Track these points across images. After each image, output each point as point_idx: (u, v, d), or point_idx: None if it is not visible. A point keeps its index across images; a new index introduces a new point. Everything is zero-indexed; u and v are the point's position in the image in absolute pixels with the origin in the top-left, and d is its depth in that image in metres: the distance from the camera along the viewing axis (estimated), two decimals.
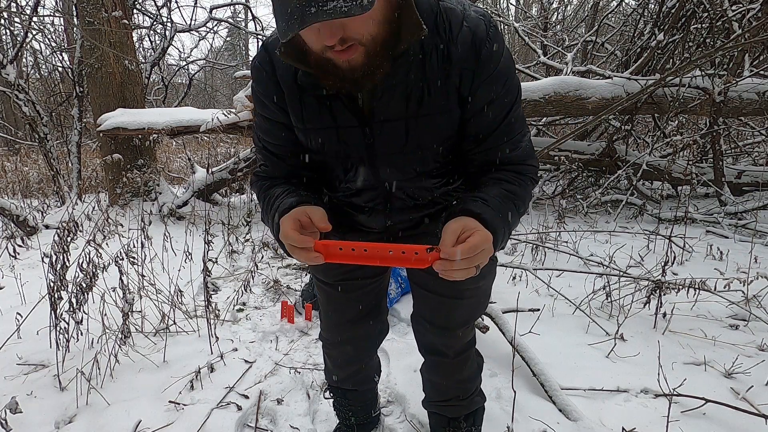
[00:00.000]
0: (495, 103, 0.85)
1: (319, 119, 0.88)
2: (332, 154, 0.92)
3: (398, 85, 0.82)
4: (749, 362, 1.83)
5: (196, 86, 11.75)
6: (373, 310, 1.25)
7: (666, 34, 4.40)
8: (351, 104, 0.85)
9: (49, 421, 1.60)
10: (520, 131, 0.90)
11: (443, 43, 0.81)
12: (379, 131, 0.86)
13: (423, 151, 0.89)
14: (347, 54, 0.73)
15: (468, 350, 1.24)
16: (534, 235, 3.31)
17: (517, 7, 10.75)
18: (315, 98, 0.86)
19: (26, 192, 6.11)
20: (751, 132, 5.38)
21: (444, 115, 0.85)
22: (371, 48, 0.74)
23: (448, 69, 0.82)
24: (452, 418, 1.32)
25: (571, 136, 3.81)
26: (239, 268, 3.17)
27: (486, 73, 0.83)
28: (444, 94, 0.83)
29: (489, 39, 0.81)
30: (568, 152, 4.54)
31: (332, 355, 1.34)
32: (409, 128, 0.85)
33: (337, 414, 1.50)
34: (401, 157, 0.89)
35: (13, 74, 5.03)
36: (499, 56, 0.83)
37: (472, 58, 0.81)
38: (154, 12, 7.01)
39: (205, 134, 4.47)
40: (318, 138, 0.90)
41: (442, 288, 1.09)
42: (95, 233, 2.00)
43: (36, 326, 2.08)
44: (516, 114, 0.89)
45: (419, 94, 0.83)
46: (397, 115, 0.84)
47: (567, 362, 1.89)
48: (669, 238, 2.50)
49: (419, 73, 0.82)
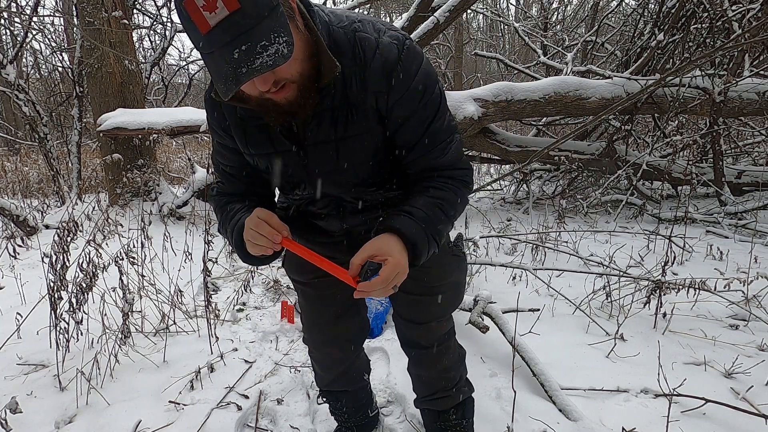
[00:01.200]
0: (413, 118, 0.92)
1: (261, 146, 0.97)
2: (278, 174, 1.01)
3: (325, 112, 0.90)
4: (749, 362, 1.83)
5: (196, 86, 11.75)
6: (351, 308, 1.28)
7: (666, 34, 4.40)
8: (286, 131, 0.94)
9: (49, 421, 1.60)
10: (446, 138, 0.96)
11: (360, 70, 0.88)
12: (312, 153, 0.95)
13: (354, 167, 0.97)
14: (282, 93, 0.81)
15: (447, 341, 1.29)
16: (534, 235, 3.31)
17: (517, 7, 10.76)
18: (256, 127, 0.95)
19: (26, 192, 6.11)
20: (751, 132, 5.38)
21: (368, 134, 0.93)
22: (301, 83, 0.83)
23: (364, 94, 0.89)
24: (441, 411, 1.36)
25: (571, 136, 3.81)
26: (239, 268, 3.17)
27: (398, 94, 0.89)
28: (365, 116, 0.91)
29: (400, 62, 0.88)
30: (568, 152, 4.53)
31: (317, 358, 1.38)
32: (339, 149, 0.94)
33: (334, 417, 1.52)
34: (335, 174, 0.98)
35: (13, 74, 5.03)
36: (411, 77, 0.89)
37: (383, 82, 0.88)
38: (154, 12, 7.02)
39: (205, 134, 4.47)
40: (262, 161, 1.00)
41: (414, 287, 1.15)
42: (95, 233, 2.00)
43: (36, 326, 2.08)
44: (438, 125, 0.95)
45: (344, 118, 0.91)
46: (326, 138, 0.92)
47: (567, 362, 1.89)
48: (669, 238, 2.50)
49: (343, 100, 0.89)
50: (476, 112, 3.98)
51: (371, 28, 0.90)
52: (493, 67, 14.76)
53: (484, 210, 4.63)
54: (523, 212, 4.55)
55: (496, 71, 13.11)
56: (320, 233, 1.13)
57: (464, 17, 11.42)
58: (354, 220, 1.08)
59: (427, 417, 1.42)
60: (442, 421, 1.36)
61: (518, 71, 5.93)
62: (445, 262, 1.18)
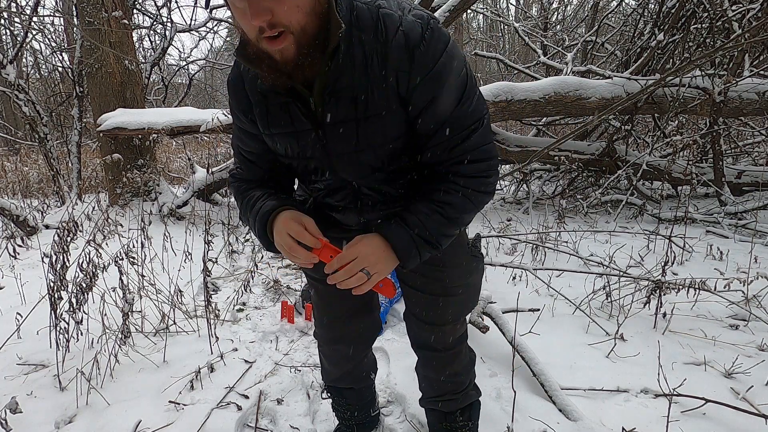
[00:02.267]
0: (438, 100, 0.88)
1: (281, 125, 0.95)
2: (295, 156, 0.99)
3: (344, 89, 0.87)
4: (749, 362, 1.83)
5: (196, 86, 11.74)
6: (364, 307, 1.28)
7: (666, 34, 4.40)
8: (305, 109, 0.91)
9: (49, 421, 1.60)
10: (471, 125, 0.92)
11: (382, 47, 0.85)
12: (330, 133, 0.92)
13: (374, 150, 0.94)
14: (278, 42, 0.78)
15: (459, 345, 1.27)
16: (534, 235, 3.31)
17: (517, 7, 10.76)
18: (277, 106, 0.94)
19: (26, 192, 6.11)
20: (751, 132, 5.38)
21: (388, 115, 0.90)
22: (301, 38, 0.79)
23: (385, 72, 0.86)
24: (448, 412, 1.34)
25: (571, 136, 3.81)
26: (239, 268, 3.17)
27: (421, 75, 0.86)
28: (386, 96, 0.88)
29: (424, 41, 0.85)
30: (568, 152, 4.53)
31: (327, 353, 1.38)
32: (359, 129, 0.90)
33: (336, 415, 1.51)
34: (354, 156, 0.94)
35: (13, 74, 5.03)
36: (435, 57, 0.86)
37: (406, 60, 0.85)
38: (154, 12, 7.01)
39: (205, 134, 4.47)
40: (281, 142, 0.98)
41: (432, 286, 1.15)
42: (95, 233, 2.00)
43: (36, 326, 2.08)
44: (464, 110, 0.91)
45: (364, 96, 0.88)
46: (346, 117, 0.90)
47: (567, 362, 1.89)
48: (669, 238, 2.50)
49: (363, 77, 0.87)
50: None
51: (396, 5, 0.88)
52: (493, 67, 14.75)
53: (484, 210, 4.63)
54: (523, 212, 4.55)
55: (496, 71, 13.10)
56: (337, 227, 1.12)
57: (464, 17, 11.40)
58: (371, 214, 1.06)
59: (431, 416, 1.40)
60: (449, 422, 1.34)
61: (518, 71, 5.93)
62: (463, 262, 1.17)
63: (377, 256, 0.92)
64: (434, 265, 1.12)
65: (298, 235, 0.92)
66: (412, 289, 1.20)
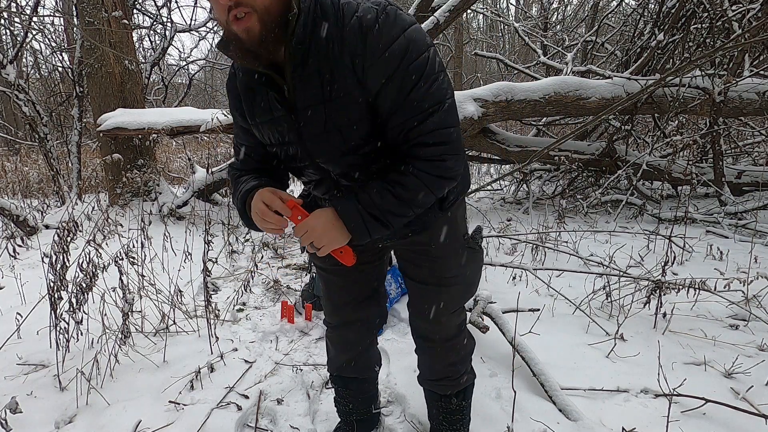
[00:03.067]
0: (392, 83, 0.91)
1: (262, 114, 1.04)
2: (276, 143, 1.07)
3: (312, 75, 0.94)
4: (749, 362, 1.83)
5: (196, 86, 11.74)
6: (371, 298, 1.34)
7: (666, 34, 4.40)
8: (280, 97, 0.99)
9: (49, 421, 1.60)
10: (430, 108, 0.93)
11: (339, 32, 0.91)
12: (302, 117, 0.98)
13: (341, 132, 0.98)
14: (244, 22, 0.86)
15: (455, 338, 1.30)
16: (534, 235, 3.31)
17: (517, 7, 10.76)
18: (260, 97, 1.02)
19: (26, 192, 6.11)
20: (751, 132, 5.38)
21: (350, 98, 0.94)
22: (265, 17, 0.87)
23: (343, 56, 0.91)
24: (443, 395, 1.38)
25: (571, 136, 3.80)
26: (239, 268, 3.17)
27: (373, 57, 0.90)
28: (344, 79, 0.93)
29: (377, 25, 0.89)
30: (568, 152, 4.53)
31: (333, 339, 1.42)
32: (326, 111, 0.96)
33: (338, 409, 1.52)
34: (324, 137, 0.99)
35: (13, 74, 5.03)
36: (388, 40, 0.89)
37: (360, 44, 0.90)
38: (154, 12, 7.01)
39: (205, 134, 4.47)
40: (264, 130, 1.06)
41: (425, 276, 1.21)
42: (95, 233, 2.00)
43: (36, 326, 2.08)
44: (421, 92, 0.92)
45: (329, 79, 0.93)
46: (314, 100, 0.96)
47: (567, 362, 1.89)
48: (669, 238, 2.50)
49: (326, 61, 0.92)
50: (476, 112, 3.98)
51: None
52: (493, 67, 14.75)
53: (484, 210, 4.63)
54: (523, 212, 4.55)
55: (496, 71, 13.11)
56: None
57: (464, 17, 11.41)
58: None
59: (428, 395, 1.44)
60: (444, 403, 1.39)
61: (518, 71, 5.93)
62: (459, 253, 1.21)
63: (325, 229, 0.99)
64: (426, 254, 1.18)
65: (269, 201, 1.00)
66: (410, 281, 1.26)
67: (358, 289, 1.31)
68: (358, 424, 1.51)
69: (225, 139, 7.98)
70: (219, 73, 14.81)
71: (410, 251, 1.22)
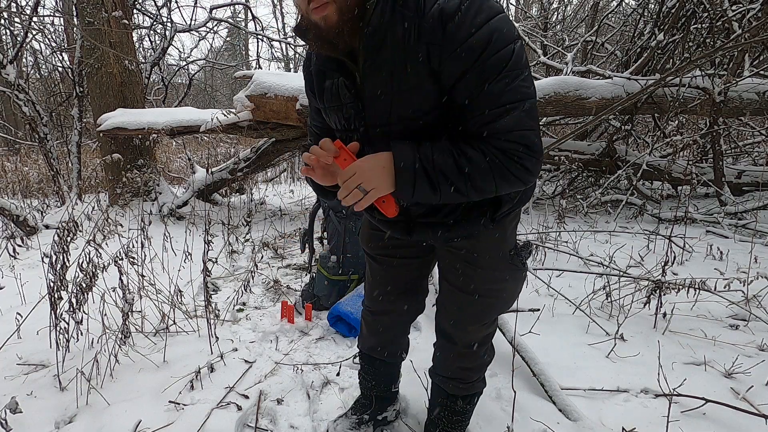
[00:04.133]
0: (470, 74, 0.87)
1: (331, 99, 1.05)
2: (342, 129, 1.07)
3: (384, 63, 0.92)
4: (749, 362, 1.83)
5: (196, 86, 11.74)
6: (411, 290, 1.36)
7: (666, 34, 4.40)
8: (350, 83, 0.99)
9: (49, 421, 1.60)
10: (508, 104, 0.87)
11: (419, 21, 0.88)
12: (369, 105, 0.98)
13: (405, 123, 0.96)
14: (323, 10, 0.87)
15: (478, 347, 1.27)
16: (534, 235, 3.31)
17: (517, 7, 10.75)
18: (330, 82, 1.03)
19: (26, 192, 6.11)
20: (751, 132, 5.38)
21: (418, 90, 0.91)
22: (342, 6, 0.88)
23: (418, 44, 0.88)
24: (451, 394, 1.37)
25: (571, 136, 3.81)
26: (239, 268, 3.17)
27: (452, 47, 0.86)
28: (417, 71, 0.90)
29: (459, 13, 0.84)
30: (568, 152, 4.54)
31: (369, 322, 1.46)
32: (393, 102, 0.94)
33: (361, 383, 1.57)
34: (386, 128, 0.98)
35: (13, 74, 5.03)
36: (469, 30, 0.84)
37: (439, 32, 0.86)
38: (154, 12, 7.01)
39: (205, 134, 4.47)
40: (331, 114, 1.07)
41: (462, 284, 1.19)
42: (95, 233, 1.99)
43: (36, 326, 2.08)
44: (500, 86, 0.87)
45: (400, 71, 0.91)
46: (383, 90, 0.94)
47: (567, 362, 1.89)
48: (669, 238, 2.50)
49: (401, 51, 0.90)
50: None
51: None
52: None
53: None
54: (523, 212, 4.55)
55: None
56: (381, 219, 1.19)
57: None
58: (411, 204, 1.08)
59: (434, 389, 1.43)
60: (449, 402, 1.38)
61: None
62: (501, 268, 1.16)
63: (376, 172, 0.92)
64: (467, 262, 1.15)
65: (322, 144, 0.97)
66: (444, 282, 1.24)
67: (399, 282, 1.33)
68: (377, 400, 1.54)
69: (225, 139, 7.99)
70: (219, 73, 14.81)
71: (452, 254, 1.18)
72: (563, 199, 3.84)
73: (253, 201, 5.33)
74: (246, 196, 5.57)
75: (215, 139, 7.47)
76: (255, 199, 5.45)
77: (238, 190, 5.68)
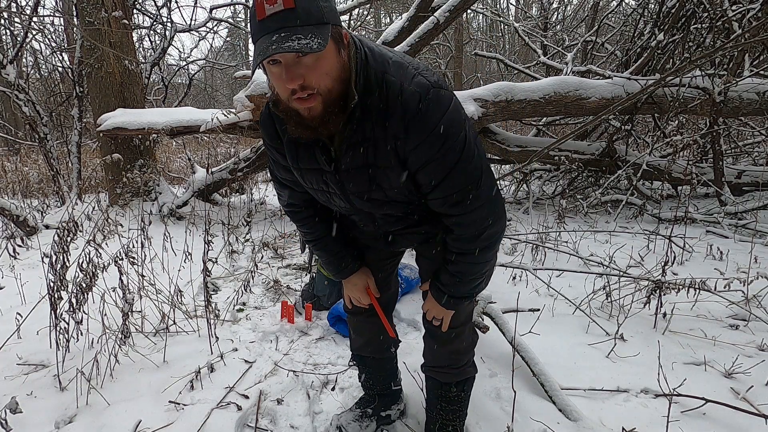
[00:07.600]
0: (432, 163, 0.99)
1: (308, 162, 1.08)
2: (319, 189, 1.13)
3: (359, 143, 1.00)
4: (749, 362, 1.83)
5: (196, 86, 11.73)
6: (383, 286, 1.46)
7: (666, 34, 4.40)
8: (326, 154, 1.05)
9: (49, 421, 1.60)
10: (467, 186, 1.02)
11: (384, 114, 0.96)
12: (346, 176, 1.06)
13: (384, 191, 1.07)
14: (308, 102, 0.90)
15: (460, 327, 1.36)
16: (534, 235, 3.31)
17: (517, 7, 10.76)
18: (305, 146, 1.06)
19: (26, 192, 6.10)
20: (751, 132, 5.38)
21: (392, 168, 1.02)
22: (327, 99, 0.91)
23: (385, 135, 0.98)
24: (444, 383, 1.43)
25: (571, 136, 3.81)
26: (239, 268, 3.17)
27: (415, 142, 0.96)
28: (386, 155, 1.00)
29: (419, 112, 0.94)
30: (568, 152, 4.53)
31: (351, 323, 1.57)
32: (370, 173, 1.04)
33: (361, 383, 1.65)
34: (368, 194, 1.08)
35: (13, 74, 5.03)
36: (430, 125, 0.94)
37: (401, 129, 0.95)
38: (154, 12, 7.01)
39: (205, 134, 4.47)
40: (307, 176, 1.12)
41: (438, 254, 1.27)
42: (95, 233, 1.99)
43: (36, 326, 2.08)
44: (459, 171, 1.00)
45: (373, 150, 1.00)
46: (359, 164, 1.03)
47: (567, 362, 1.89)
48: (669, 238, 2.50)
49: (371, 133, 0.98)
50: (476, 112, 3.98)
51: (400, 72, 0.96)
52: (493, 67, 14.75)
53: None
54: (523, 212, 4.55)
55: (496, 71, 13.10)
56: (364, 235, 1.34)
57: (464, 17, 11.41)
58: (387, 227, 1.23)
59: (429, 383, 1.49)
60: (444, 391, 1.43)
61: (518, 71, 5.94)
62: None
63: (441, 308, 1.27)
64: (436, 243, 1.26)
65: (366, 289, 1.38)
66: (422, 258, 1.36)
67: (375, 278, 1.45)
68: (380, 397, 1.59)
69: (225, 139, 7.99)
70: (219, 73, 14.82)
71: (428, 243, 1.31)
72: (563, 199, 3.84)
73: (253, 201, 5.33)
74: (246, 196, 5.57)
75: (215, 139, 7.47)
76: (255, 199, 5.45)
77: (238, 190, 5.68)
